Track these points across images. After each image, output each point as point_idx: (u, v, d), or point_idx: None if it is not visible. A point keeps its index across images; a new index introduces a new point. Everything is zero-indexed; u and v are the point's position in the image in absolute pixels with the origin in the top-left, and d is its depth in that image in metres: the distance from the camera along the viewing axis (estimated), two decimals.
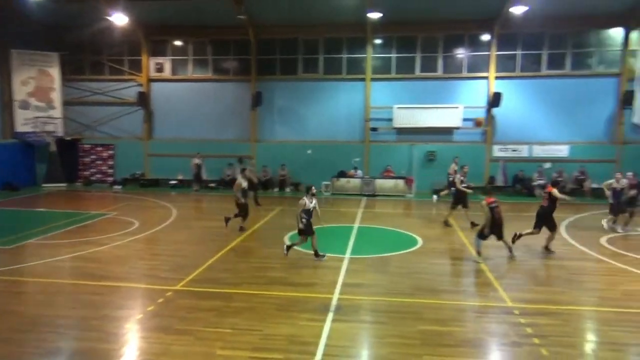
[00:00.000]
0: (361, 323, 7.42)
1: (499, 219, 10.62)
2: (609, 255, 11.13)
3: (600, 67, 20.87)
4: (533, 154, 21.23)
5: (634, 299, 8.37)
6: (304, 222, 10.53)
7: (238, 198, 13.52)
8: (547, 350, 6.39)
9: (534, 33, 20.83)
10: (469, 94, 21.48)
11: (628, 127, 20.71)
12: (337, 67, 22.37)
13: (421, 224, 14.92)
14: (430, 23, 21.06)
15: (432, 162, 21.53)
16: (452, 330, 7.09)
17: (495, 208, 10.61)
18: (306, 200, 10.60)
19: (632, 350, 6.51)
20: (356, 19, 20.58)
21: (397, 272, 9.93)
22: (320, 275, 9.72)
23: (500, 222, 10.67)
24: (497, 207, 10.64)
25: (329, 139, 22.37)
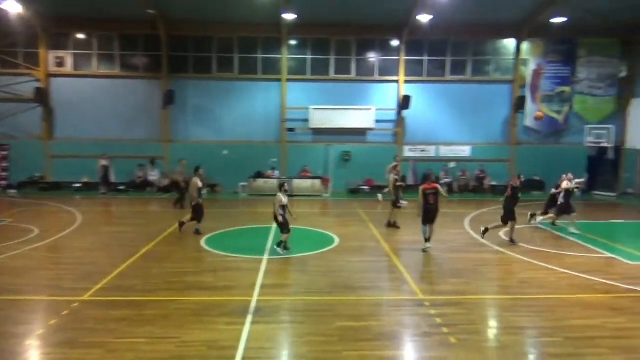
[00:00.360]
0: (281, 323, 7.45)
1: (432, 205, 11.30)
2: (506, 247, 12.13)
3: (496, 74, 22.68)
4: (440, 154, 22.59)
5: (528, 286, 9.20)
6: (282, 217, 11.14)
7: (194, 199, 13.05)
8: (455, 338, 6.83)
9: (438, 40, 22.16)
10: (381, 96, 22.35)
11: (521, 129, 22.72)
12: (252, 67, 22.21)
13: (338, 223, 15.26)
14: (343, 27, 21.61)
15: (348, 162, 22.13)
16: (368, 325, 7.33)
17: (430, 195, 11.26)
18: (282, 196, 11.27)
19: (528, 333, 7.15)
20: (271, 19, 20.58)
21: (316, 271, 10.08)
22: (238, 277, 9.59)
23: (433, 209, 11.33)
24: (432, 193, 11.29)
25: (245, 139, 22.16)
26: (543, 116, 13.29)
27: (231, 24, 21.41)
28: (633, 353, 6.39)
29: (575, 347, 6.55)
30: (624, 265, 10.71)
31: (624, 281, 9.42)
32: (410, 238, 13.44)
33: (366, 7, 19.99)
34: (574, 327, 7.23)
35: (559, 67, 22.45)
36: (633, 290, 8.87)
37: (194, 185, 13.13)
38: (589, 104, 22.73)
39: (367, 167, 21.99)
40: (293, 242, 12.70)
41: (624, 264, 10.80)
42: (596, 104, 22.75)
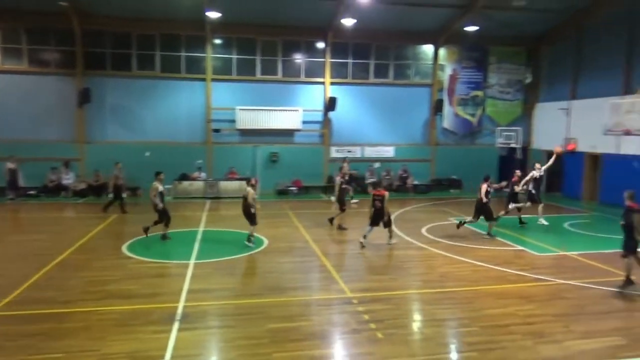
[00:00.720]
0: (209, 329, 7.31)
1: (378, 210, 12.05)
2: (428, 243, 12.74)
3: (417, 78, 23.69)
4: (365, 155, 23.20)
5: (449, 279, 9.75)
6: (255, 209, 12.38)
7: (156, 204, 12.52)
8: (382, 333, 7.08)
9: (362, 44, 22.75)
10: (308, 97, 22.55)
11: (439, 130, 23.93)
12: (175, 65, 21.48)
13: (266, 224, 15.16)
14: (269, 27, 21.52)
15: (275, 163, 22.10)
16: (299, 325, 7.40)
17: (376, 200, 12.05)
18: (252, 190, 12.38)
19: (449, 324, 7.57)
20: (195, 16, 20.03)
21: (245, 274, 10.00)
22: (163, 283, 9.29)
23: (378, 213, 12.09)
24: (378, 200, 12.07)
25: (169, 140, 21.40)
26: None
27: (152, 20, 20.56)
28: (541, 337, 6.97)
29: (490, 335, 7.03)
30: (532, 256, 11.64)
31: (532, 271, 10.26)
32: (338, 238, 13.71)
33: (291, 8, 20.06)
34: (489, 316, 7.76)
35: (473, 72, 23.91)
36: (540, 280, 9.68)
37: (154, 189, 12.68)
38: (499, 108, 24.42)
39: (295, 168, 22.12)
40: (220, 245, 12.53)
41: (532, 255, 11.74)
42: (505, 108, 24.49)
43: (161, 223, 12.76)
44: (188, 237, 13.16)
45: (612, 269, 10.46)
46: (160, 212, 12.69)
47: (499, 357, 6.37)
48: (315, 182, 22.59)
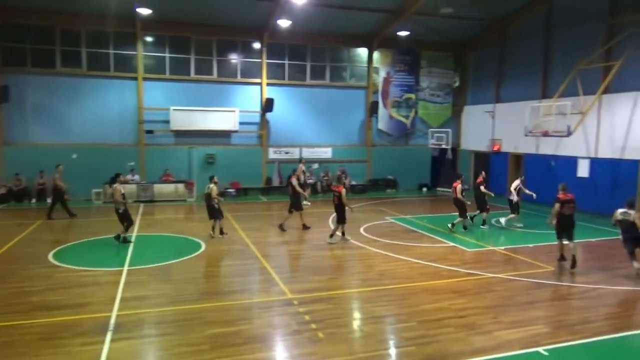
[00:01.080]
0: (145, 338, 7.04)
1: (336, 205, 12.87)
2: (366, 242, 13.02)
3: (352, 80, 24.14)
4: (303, 156, 23.25)
5: (387, 277, 10.00)
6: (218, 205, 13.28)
7: (119, 208, 12.25)
8: (323, 332, 7.15)
9: (299, 45, 22.85)
10: (244, 98, 22.30)
11: (375, 132, 24.53)
12: (103, 63, 20.47)
13: (204, 228, 14.82)
14: (203, 26, 21.06)
15: (212, 165, 21.65)
16: (239, 329, 7.30)
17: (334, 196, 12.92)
18: (215, 187, 13.42)
19: (387, 321, 7.78)
20: (124, 13, 19.21)
21: (182, 279, 9.72)
22: (94, 292, 8.83)
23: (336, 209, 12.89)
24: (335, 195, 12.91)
25: (98, 141, 20.35)
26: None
27: (77, 15, 19.43)
28: (472, 328, 7.34)
29: (426, 329, 7.30)
30: (463, 252, 12.22)
31: (463, 266, 10.77)
32: (277, 239, 13.68)
33: (226, 7, 19.72)
34: (425, 311, 8.06)
35: (405, 75, 24.72)
36: (471, 274, 10.18)
37: (117, 191, 12.42)
38: (430, 110, 25.42)
39: (233, 170, 21.80)
40: (155, 250, 12.15)
41: (463, 251, 12.32)
42: (436, 110, 25.54)
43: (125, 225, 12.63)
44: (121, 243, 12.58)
45: (535, 261, 11.22)
46: (122, 214, 12.56)
47: (434, 350, 6.63)
48: (254, 184, 22.41)
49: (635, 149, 16.36)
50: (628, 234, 9.95)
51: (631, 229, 9.81)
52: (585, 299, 8.85)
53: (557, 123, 17.14)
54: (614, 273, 10.45)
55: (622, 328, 7.39)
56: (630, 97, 16.50)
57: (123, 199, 12.66)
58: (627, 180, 16.32)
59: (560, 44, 19.43)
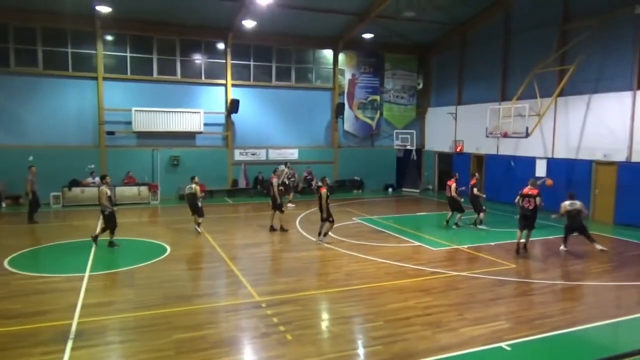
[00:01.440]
0: (108, 345, 6.85)
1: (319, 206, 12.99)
2: (333, 243, 13.07)
3: (318, 82, 24.22)
4: (270, 157, 23.19)
5: (354, 277, 10.08)
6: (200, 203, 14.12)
7: (105, 209, 11.95)
8: (291, 334, 7.13)
9: (264, 46, 22.75)
10: (209, 99, 22.02)
11: (341, 133, 24.68)
12: (61, 62, 19.75)
13: (169, 231, 14.59)
14: (165, 25, 20.67)
15: (177, 167, 21.28)
16: (206, 333, 7.20)
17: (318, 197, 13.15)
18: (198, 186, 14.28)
19: (355, 321, 7.83)
20: (82, 10, 18.64)
21: (146, 284, 9.51)
22: (53, 300, 8.51)
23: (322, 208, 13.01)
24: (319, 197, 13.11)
25: (56, 143, 19.63)
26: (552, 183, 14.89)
27: (33, 12, 18.70)
28: (438, 326, 7.48)
29: (393, 328, 7.39)
30: (429, 251, 12.44)
31: (429, 265, 10.97)
32: (245, 242, 13.57)
33: (189, 7, 19.41)
34: (392, 310, 8.16)
35: (370, 77, 25.00)
36: (436, 273, 10.38)
37: (103, 193, 12.11)
38: (395, 112, 25.79)
39: (198, 172, 21.15)
40: (117, 255, 11.87)
41: (428, 250, 12.55)
42: (401, 112, 25.93)
43: (107, 230, 12.34)
44: (81, 247, 12.19)
45: (497, 259, 11.55)
46: (107, 217, 12.28)
47: (401, 348, 6.72)
48: (220, 186, 22.15)
49: (589, 150, 17.09)
50: (574, 223, 11.82)
51: (577, 217, 11.78)
52: (544, 294, 9.18)
53: (516, 125, 17.71)
54: (570, 269, 10.90)
55: (577, 322, 7.70)
56: (583, 100, 17.24)
57: (110, 202, 12.39)
58: (582, 179, 17.04)
59: (518, 48, 20.10)
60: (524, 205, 11.98)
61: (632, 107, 15.68)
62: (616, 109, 16.15)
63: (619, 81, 16.11)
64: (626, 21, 15.75)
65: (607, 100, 16.50)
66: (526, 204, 11.93)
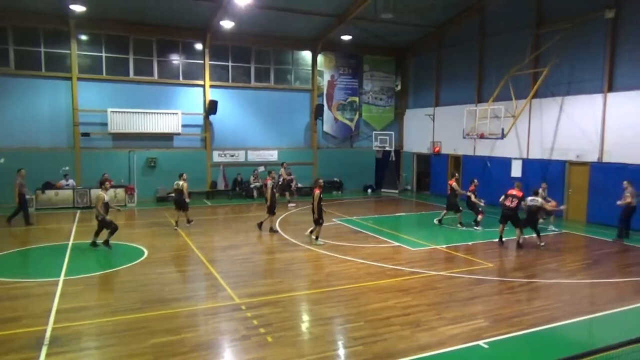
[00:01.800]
0: (84, 351, 6.70)
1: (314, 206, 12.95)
2: (313, 244, 13.06)
3: (297, 83, 24.21)
4: (249, 159, 23.07)
5: (334, 278, 10.10)
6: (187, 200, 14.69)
7: (99, 214, 11.78)
8: (272, 336, 7.11)
9: (242, 47, 22.63)
10: (187, 100, 21.78)
11: (320, 134, 24.71)
12: (33, 62, 19.26)
13: (146, 234, 14.37)
14: (142, 25, 20.36)
15: (154, 169, 20.98)
16: (184, 337, 7.11)
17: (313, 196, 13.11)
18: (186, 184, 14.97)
19: (336, 322, 7.84)
20: (55, 9, 18.26)
21: (123, 288, 9.35)
22: (26, 305, 8.30)
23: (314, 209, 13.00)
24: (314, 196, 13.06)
25: (28, 145, 19.14)
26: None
27: (3, 10, 18.17)
28: (417, 326, 7.55)
29: (374, 328, 7.43)
30: (408, 251, 12.54)
31: (408, 265, 11.06)
32: (223, 244, 13.46)
33: (165, 7, 19.17)
34: (372, 310, 8.20)
35: (349, 79, 25.11)
36: (415, 272, 10.47)
37: (100, 199, 11.97)
38: (373, 113, 25.96)
39: (176, 174, 20.83)
40: (93, 259, 11.66)
41: (407, 250, 12.65)
42: (379, 113, 26.11)
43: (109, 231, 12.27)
44: (56, 251, 11.92)
45: (475, 258, 11.72)
46: (103, 223, 12.14)
47: (381, 348, 6.76)
48: (198, 188, 21.90)
49: (562, 150, 17.49)
50: (529, 216, 12.86)
51: (534, 212, 12.85)
52: (520, 292, 9.35)
53: (492, 126, 18.01)
54: (546, 267, 11.13)
55: (553, 319, 7.86)
56: (556, 102, 17.64)
57: (106, 209, 12.15)
58: (556, 179, 17.42)
59: (493, 51, 20.46)
60: (506, 203, 13.07)
61: (603, 109, 16.11)
62: (588, 111, 16.58)
63: (591, 84, 16.54)
64: (597, 25, 16.18)
65: (579, 102, 16.92)
66: (508, 202, 13.04)
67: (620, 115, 15.66)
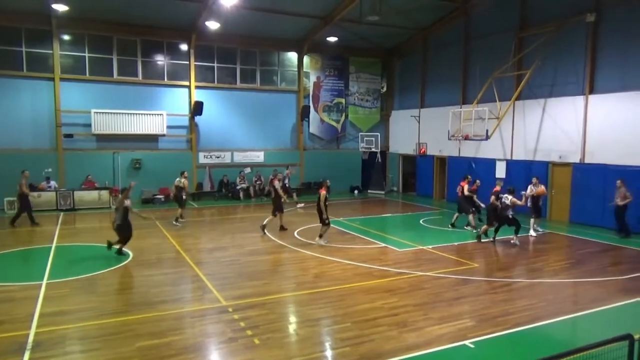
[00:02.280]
0: (69, 355, 6.61)
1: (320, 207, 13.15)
2: (300, 246, 13.07)
3: (283, 84, 24.19)
4: (235, 160, 22.97)
5: (322, 279, 10.11)
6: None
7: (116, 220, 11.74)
8: (259, 339, 7.08)
9: (228, 48, 22.54)
10: (172, 101, 21.62)
11: (307, 135, 24.72)
12: (14, 62, 18.95)
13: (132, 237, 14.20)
14: (126, 25, 20.17)
15: (139, 171, 20.77)
16: (171, 340, 7.05)
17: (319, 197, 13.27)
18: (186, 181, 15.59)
19: (323, 323, 7.85)
20: (37, 8, 18.01)
21: (108, 291, 9.24)
22: (9, 310, 8.15)
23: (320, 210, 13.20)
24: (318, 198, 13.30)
25: (9, 146, 18.82)
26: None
27: None
28: (404, 326, 7.59)
29: (361, 329, 7.45)
30: (394, 252, 12.61)
31: (395, 266, 11.11)
32: (210, 246, 13.38)
33: (150, 7, 19.01)
34: (359, 311, 8.22)
35: (335, 80, 25.16)
36: (402, 273, 10.53)
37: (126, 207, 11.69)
38: (360, 114, 26.05)
39: (161, 175, 21.02)
40: (77, 262, 11.49)
41: (394, 251, 12.71)
42: (365, 115, 26.21)
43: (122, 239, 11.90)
44: (38, 254, 11.75)
45: (461, 258, 11.83)
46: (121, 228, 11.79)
47: (368, 349, 6.78)
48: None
49: (545, 151, 17.75)
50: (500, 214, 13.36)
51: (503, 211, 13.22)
52: (505, 292, 9.46)
53: (477, 127, 18.19)
54: (530, 267, 11.28)
55: (537, 318, 7.97)
56: (539, 104, 17.91)
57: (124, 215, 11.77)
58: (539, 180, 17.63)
59: (478, 53, 20.68)
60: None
61: (584, 111, 16.40)
62: (570, 113, 16.85)
63: (572, 86, 16.82)
64: (579, 29, 16.47)
65: (561, 104, 17.19)
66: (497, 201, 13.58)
67: (601, 117, 15.96)
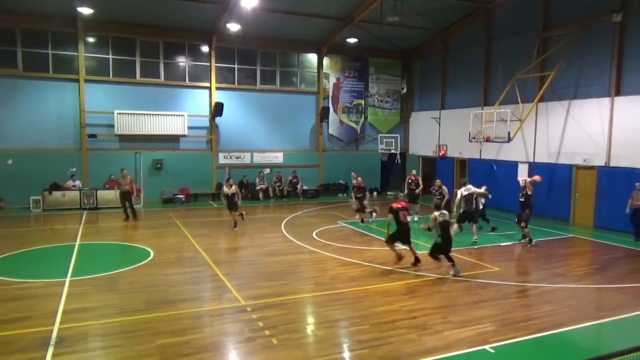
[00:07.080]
0: (90, 351, 6.73)
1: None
2: (319, 247, 13.06)
3: (302, 86, 24.24)
4: (254, 161, 23.10)
5: (339, 280, 10.08)
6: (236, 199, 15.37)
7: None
8: (277, 339, 7.10)
9: (248, 50, 22.69)
10: (193, 102, 21.86)
11: (326, 137, 24.72)
12: (41, 64, 19.38)
13: (152, 235, 14.41)
14: (148, 27, 20.49)
15: (160, 171, 21.06)
16: (190, 338, 7.12)
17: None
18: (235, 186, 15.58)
19: (340, 325, 7.83)
20: (64, 11, 18.41)
21: (129, 289, 9.38)
22: (33, 306, 8.34)
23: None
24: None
25: (35, 146, 19.27)
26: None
27: (12, 13, 18.33)
28: (424, 329, 7.52)
29: (379, 332, 7.41)
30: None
31: (413, 268, 11.02)
32: (229, 246, 13.49)
33: (172, 10, 19.26)
34: (377, 313, 8.18)
35: (355, 82, 25.11)
36: (420, 276, 10.44)
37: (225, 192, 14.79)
38: (379, 116, 25.94)
39: (182, 175, 21.30)
40: (99, 260, 11.69)
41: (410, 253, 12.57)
42: (385, 116, 26.09)
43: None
44: (62, 252, 11.98)
45: (480, 262, 11.67)
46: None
47: (387, 351, 6.73)
48: (204, 190, 21.99)
49: (569, 154, 17.40)
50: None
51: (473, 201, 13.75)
52: (527, 297, 9.30)
53: (498, 129, 17.93)
54: (553, 272, 11.05)
55: (560, 324, 7.81)
56: (563, 106, 17.56)
57: (229, 201, 15.11)
58: (562, 184, 17.33)
59: (499, 54, 20.39)
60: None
61: (610, 113, 16.02)
62: (595, 115, 16.49)
63: (597, 87, 16.45)
64: (604, 29, 16.10)
65: (586, 106, 16.83)
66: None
67: (627, 119, 15.57)
